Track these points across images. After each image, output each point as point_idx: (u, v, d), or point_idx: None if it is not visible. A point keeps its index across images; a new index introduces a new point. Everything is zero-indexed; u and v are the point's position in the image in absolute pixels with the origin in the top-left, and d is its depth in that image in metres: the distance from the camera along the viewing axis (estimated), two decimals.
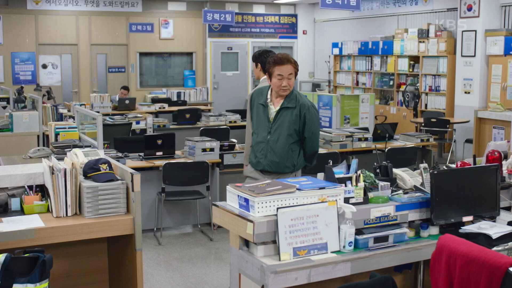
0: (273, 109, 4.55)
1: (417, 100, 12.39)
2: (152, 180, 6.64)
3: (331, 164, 3.52)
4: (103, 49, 15.20)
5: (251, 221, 3.00)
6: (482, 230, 3.32)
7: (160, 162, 6.52)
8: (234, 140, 7.43)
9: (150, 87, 15.82)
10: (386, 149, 7.27)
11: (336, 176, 3.39)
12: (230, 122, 10.20)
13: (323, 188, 3.23)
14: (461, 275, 2.64)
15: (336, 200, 3.19)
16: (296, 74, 4.50)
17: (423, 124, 10.65)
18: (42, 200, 4.13)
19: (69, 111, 10.14)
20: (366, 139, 7.64)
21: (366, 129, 8.57)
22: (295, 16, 16.90)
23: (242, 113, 10.92)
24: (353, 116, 10.87)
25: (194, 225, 7.03)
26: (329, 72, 15.47)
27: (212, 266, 5.79)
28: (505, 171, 3.97)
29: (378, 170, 3.73)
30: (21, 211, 4.10)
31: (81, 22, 14.82)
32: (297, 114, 4.51)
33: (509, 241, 3.26)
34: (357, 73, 14.80)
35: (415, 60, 12.96)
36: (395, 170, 3.75)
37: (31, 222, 3.85)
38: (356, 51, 14.66)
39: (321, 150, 7.26)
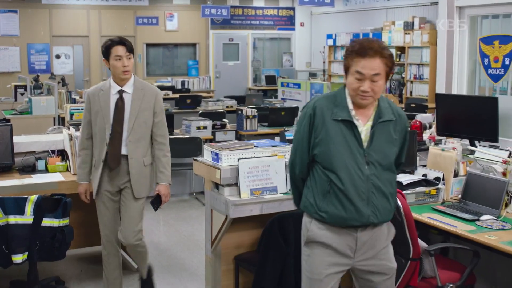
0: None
1: (402, 88, 13.39)
2: None
3: (285, 129, 4.57)
4: None
5: (219, 169, 4.05)
6: (397, 179, 4.35)
7: None
8: (225, 120, 8.49)
9: (156, 76, 16.86)
10: None
11: (287, 138, 4.44)
12: (227, 107, 11.17)
13: (275, 146, 4.28)
14: None
15: (284, 155, 4.23)
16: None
17: (403, 109, 11.64)
18: (62, 162, 5.22)
19: (81, 97, 11.17)
20: None
21: None
22: (293, 9, 17.90)
23: (238, 99, 12.02)
24: None
25: (190, 193, 8.12)
26: (324, 62, 16.48)
27: (203, 224, 6.83)
28: (426, 138, 5.01)
29: None
30: (46, 170, 5.21)
31: (92, 15, 15.88)
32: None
33: (417, 187, 4.30)
34: None
35: (401, 50, 13.93)
36: None
37: (55, 177, 4.95)
38: (349, 42, 15.58)
39: None
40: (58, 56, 15.83)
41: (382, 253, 3.13)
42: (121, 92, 4.33)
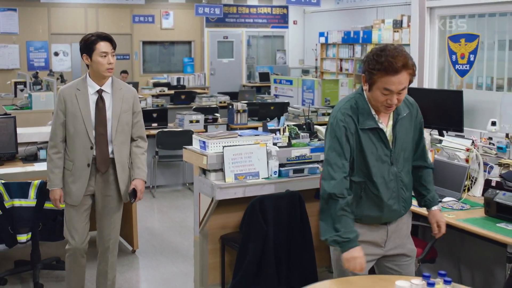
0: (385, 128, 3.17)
1: None
2: (148, 145, 8.07)
3: (268, 120, 4.97)
4: None
5: (205, 155, 4.45)
6: None
7: (154, 131, 7.98)
8: (217, 114, 8.90)
9: (153, 73, 17.22)
10: None
11: (269, 128, 4.84)
12: (220, 102, 11.55)
13: (258, 135, 4.68)
14: None
15: (266, 143, 4.62)
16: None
17: None
18: None
19: None
20: (329, 114, 9.02)
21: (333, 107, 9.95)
22: (286, 7, 18.28)
23: (232, 95, 12.41)
24: (333, 98, 12.21)
25: (183, 184, 8.53)
26: (316, 59, 16.88)
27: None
28: None
29: (304, 126, 5.17)
30: None
31: (89, 13, 16.25)
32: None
33: None
34: (341, 60, 16.19)
35: None
36: (316, 126, 5.19)
37: None
38: (340, 40, 16.05)
39: (290, 123, 8.69)
40: (56, 54, 16.19)
41: (406, 237, 3.32)
42: (100, 91, 4.18)
